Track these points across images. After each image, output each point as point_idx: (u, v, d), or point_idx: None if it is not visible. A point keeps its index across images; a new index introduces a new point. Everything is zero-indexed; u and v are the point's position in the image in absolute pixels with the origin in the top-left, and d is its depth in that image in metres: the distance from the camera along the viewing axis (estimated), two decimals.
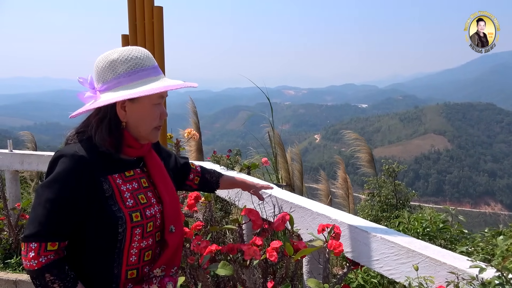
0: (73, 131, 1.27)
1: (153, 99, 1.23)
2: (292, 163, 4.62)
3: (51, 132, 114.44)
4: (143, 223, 1.22)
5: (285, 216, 2.08)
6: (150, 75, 1.22)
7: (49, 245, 1.13)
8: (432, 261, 1.57)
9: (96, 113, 1.22)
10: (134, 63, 1.20)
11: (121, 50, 1.24)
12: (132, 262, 1.23)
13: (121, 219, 1.17)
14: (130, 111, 1.22)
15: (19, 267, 3.69)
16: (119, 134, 1.22)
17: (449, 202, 74.28)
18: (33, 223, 1.12)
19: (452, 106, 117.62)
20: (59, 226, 1.14)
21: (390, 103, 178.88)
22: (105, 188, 1.18)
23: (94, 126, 1.21)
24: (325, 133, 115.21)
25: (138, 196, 1.24)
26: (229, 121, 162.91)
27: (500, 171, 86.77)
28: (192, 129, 2.86)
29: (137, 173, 1.29)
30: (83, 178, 1.15)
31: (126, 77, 1.20)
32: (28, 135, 7.21)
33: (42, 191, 1.14)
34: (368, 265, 1.84)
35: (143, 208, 1.23)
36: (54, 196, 1.12)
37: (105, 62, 1.21)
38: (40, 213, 1.12)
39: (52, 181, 1.14)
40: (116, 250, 1.19)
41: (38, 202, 1.13)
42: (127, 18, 2.49)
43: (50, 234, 1.13)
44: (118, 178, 1.22)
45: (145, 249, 1.26)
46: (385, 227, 1.93)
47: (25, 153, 4.19)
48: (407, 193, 8.48)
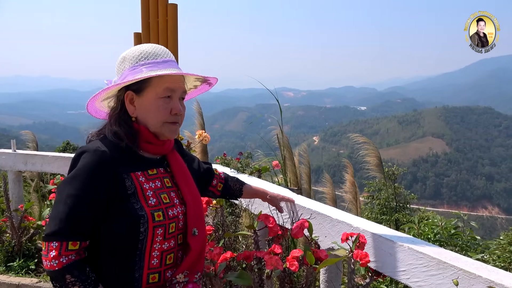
0: (95, 130, 1.26)
1: (159, 92, 1.19)
2: (300, 165, 4.55)
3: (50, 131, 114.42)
4: (165, 223, 1.18)
5: (304, 223, 2.00)
6: (155, 67, 1.20)
7: (70, 245, 1.08)
8: (466, 273, 1.49)
9: (113, 110, 1.25)
10: (140, 57, 1.21)
11: (135, 47, 1.25)
12: (153, 265, 1.18)
13: (143, 217, 1.12)
14: (138, 105, 1.22)
15: (22, 271, 3.60)
16: (129, 127, 1.21)
17: (447, 205, 74.50)
18: (54, 220, 1.09)
19: (450, 109, 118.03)
20: (81, 223, 1.10)
21: (389, 106, 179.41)
22: (127, 185, 1.14)
23: (108, 121, 1.24)
24: (323, 135, 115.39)
25: (161, 195, 1.20)
26: (228, 122, 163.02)
27: (497, 174, 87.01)
28: (204, 131, 2.79)
29: (160, 172, 1.25)
30: (105, 173, 1.12)
31: (131, 71, 1.20)
32: (30, 134, 7.11)
33: (64, 187, 1.11)
34: (393, 276, 1.76)
35: (166, 207, 1.19)
36: (75, 192, 1.09)
37: (118, 60, 1.24)
38: (61, 209, 1.08)
39: (73, 176, 1.10)
40: (137, 252, 1.14)
41: (59, 199, 1.10)
42: (140, 16, 2.43)
43: (71, 232, 1.08)
44: (141, 176, 1.18)
45: (167, 252, 1.20)
46: (410, 236, 1.85)
47: (29, 153, 4.10)
48: (407, 196, 8.45)
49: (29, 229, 3.86)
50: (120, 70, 1.22)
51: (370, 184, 8.35)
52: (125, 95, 1.21)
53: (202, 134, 2.76)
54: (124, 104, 1.22)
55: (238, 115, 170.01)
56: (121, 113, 1.22)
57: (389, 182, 8.17)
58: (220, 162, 3.25)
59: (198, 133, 2.78)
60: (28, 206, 3.91)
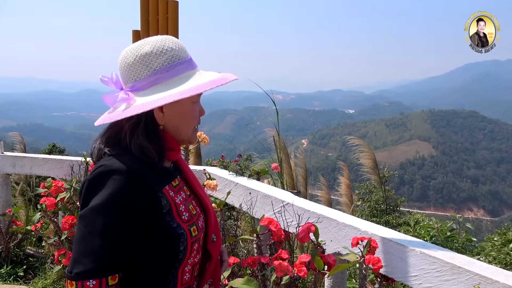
0: (101, 139, 1.07)
1: (194, 97, 1.07)
2: (296, 168, 4.50)
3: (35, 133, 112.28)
4: (199, 236, 1.09)
5: (310, 227, 1.95)
6: (188, 69, 1.07)
7: (110, 280, 0.94)
8: (482, 278, 1.45)
9: (128, 118, 1.02)
10: (171, 55, 1.03)
11: (153, 41, 1.05)
12: (186, 280, 1.09)
13: (183, 236, 1.02)
14: (169, 112, 1.06)
15: (10, 278, 3.46)
16: (158, 139, 1.05)
17: (433, 208, 75.46)
18: (88, 256, 0.92)
19: (436, 113, 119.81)
20: (120, 256, 0.96)
21: (377, 109, 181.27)
22: (163, 204, 1.01)
23: (129, 133, 1.03)
24: (312, 138, 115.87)
25: (189, 207, 1.10)
26: (217, 124, 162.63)
27: (482, 177, 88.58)
28: (203, 133, 2.71)
29: (180, 181, 1.14)
30: (144, 196, 0.98)
31: (164, 72, 1.02)
32: (17, 136, 6.90)
33: (95, 216, 0.94)
34: (404, 281, 1.72)
35: (196, 219, 1.10)
36: (113, 222, 0.94)
37: (136, 57, 1.03)
38: (96, 244, 0.93)
39: (107, 203, 0.94)
40: (173, 270, 1.05)
41: (90, 230, 0.94)
42: (139, 13, 2.35)
43: (110, 267, 0.94)
44: (170, 190, 1.06)
45: (196, 264, 1.13)
46: (421, 240, 1.81)
47: (17, 156, 3.95)
48: (397, 199, 8.52)
49: (17, 234, 3.73)
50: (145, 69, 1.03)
51: (360, 187, 8.41)
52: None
53: (201, 136, 2.69)
54: (149, 113, 1.03)
55: (226, 118, 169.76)
56: (148, 123, 1.04)
57: (379, 185, 8.23)
58: (218, 165, 3.17)
59: (198, 134, 2.70)
60: (17, 211, 3.77)
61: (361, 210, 8.25)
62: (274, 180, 4.16)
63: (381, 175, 8.66)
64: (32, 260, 3.74)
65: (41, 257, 3.77)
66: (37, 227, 3.43)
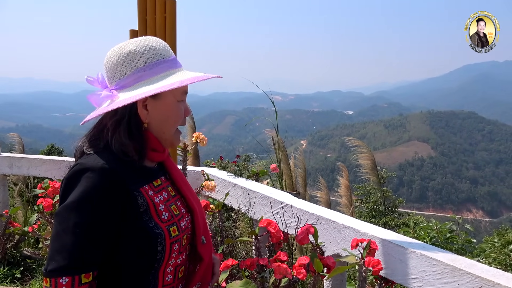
0: (85, 139, 1.08)
1: (178, 95, 1.08)
2: (295, 169, 4.48)
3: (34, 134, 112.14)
4: (180, 237, 1.07)
5: (310, 229, 1.93)
6: (171, 67, 1.08)
7: (83, 277, 0.94)
8: (483, 281, 1.44)
9: (112, 114, 1.04)
10: (154, 54, 1.05)
11: (137, 40, 1.07)
12: (167, 281, 1.08)
13: (160, 235, 1.01)
14: (153, 110, 1.06)
15: (7, 279, 3.43)
16: (141, 137, 1.05)
17: (432, 209, 75.53)
18: (61, 253, 0.92)
19: (435, 114, 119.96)
20: (93, 253, 0.95)
21: (375, 110, 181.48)
22: (139, 203, 1.01)
23: (111, 130, 1.03)
24: (311, 139, 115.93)
25: (171, 207, 1.09)
26: (216, 125, 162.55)
27: (481, 178, 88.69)
28: (201, 133, 2.69)
29: (163, 182, 1.14)
30: (117, 194, 0.97)
31: (147, 70, 1.04)
32: (16, 137, 6.87)
33: (68, 214, 0.94)
34: (404, 283, 1.70)
35: (178, 220, 1.09)
36: (85, 220, 0.94)
37: (120, 56, 1.04)
38: (69, 241, 0.92)
39: (79, 201, 0.94)
40: (152, 271, 1.03)
41: (64, 228, 0.94)
42: (136, 12, 2.34)
43: (83, 264, 0.94)
44: (149, 190, 1.06)
45: (180, 265, 1.11)
46: (421, 242, 1.79)
47: (15, 156, 3.93)
48: (395, 200, 8.51)
49: (14, 236, 3.70)
50: (128, 68, 1.04)
51: (359, 188, 8.40)
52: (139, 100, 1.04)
53: (199, 136, 2.67)
54: (132, 109, 1.04)
55: (225, 119, 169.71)
56: (132, 120, 1.04)
57: (377, 186, 8.23)
58: (216, 165, 3.15)
59: (195, 135, 2.68)
60: (14, 212, 3.75)
61: (359, 211, 8.25)
62: (273, 181, 4.14)
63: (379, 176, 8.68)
64: (29, 261, 3.72)
65: (38, 259, 3.75)
66: (34, 228, 3.40)
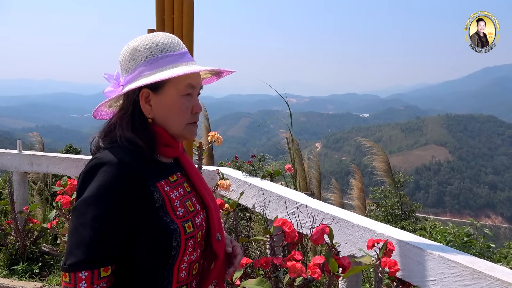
0: (100, 134, 1.10)
1: (181, 90, 1.07)
2: (309, 170, 4.46)
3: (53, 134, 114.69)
4: (195, 233, 1.08)
5: (325, 229, 1.91)
6: (175, 62, 1.07)
7: (102, 271, 0.95)
8: (504, 284, 1.40)
9: (119, 110, 1.10)
10: (156, 49, 1.06)
11: (143, 36, 1.10)
12: (182, 278, 1.08)
13: (175, 231, 1.01)
14: (156, 105, 1.07)
15: (26, 274, 3.51)
16: (145, 131, 1.06)
17: (450, 214, 74.03)
18: (79, 247, 0.93)
19: (453, 117, 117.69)
20: (111, 247, 0.97)
21: (392, 113, 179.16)
22: (155, 197, 1.01)
23: (118, 125, 1.07)
24: (326, 141, 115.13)
25: (186, 204, 1.10)
26: (231, 127, 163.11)
27: (501, 183, 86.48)
28: (216, 132, 2.70)
29: (179, 178, 1.15)
30: (134, 188, 0.99)
31: (148, 65, 1.05)
32: (37, 136, 7.04)
33: (86, 208, 0.95)
34: (421, 286, 1.67)
35: (193, 216, 1.09)
36: (102, 213, 0.94)
37: (126, 52, 1.08)
38: (87, 235, 0.93)
39: (97, 195, 0.95)
40: (167, 267, 1.04)
41: (82, 222, 0.94)
42: (155, 12, 2.38)
43: (102, 258, 0.95)
44: (165, 185, 1.06)
45: (194, 262, 1.11)
46: (439, 243, 1.76)
47: (35, 154, 4.02)
48: (412, 205, 8.35)
49: (33, 232, 3.78)
50: (132, 63, 1.07)
51: (375, 191, 8.29)
52: (140, 94, 1.07)
53: (215, 136, 2.68)
54: (136, 104, 1.07)
55: (240, 121, 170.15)
56: (135, 115, 1.07)
57: (394, 190, 8.11)
58: (231, 165, 3.16)
59: (211, 134, 2.70)
60: (33, 208, 3.83)
61: (375, 215, 8.14)
62: (287, 182, 4.12)
63: (396, 180, 8.55)
64: (47, 257, 3.80)
65: (56, 255, 3.82)
66: (53, 224, 3.47)
